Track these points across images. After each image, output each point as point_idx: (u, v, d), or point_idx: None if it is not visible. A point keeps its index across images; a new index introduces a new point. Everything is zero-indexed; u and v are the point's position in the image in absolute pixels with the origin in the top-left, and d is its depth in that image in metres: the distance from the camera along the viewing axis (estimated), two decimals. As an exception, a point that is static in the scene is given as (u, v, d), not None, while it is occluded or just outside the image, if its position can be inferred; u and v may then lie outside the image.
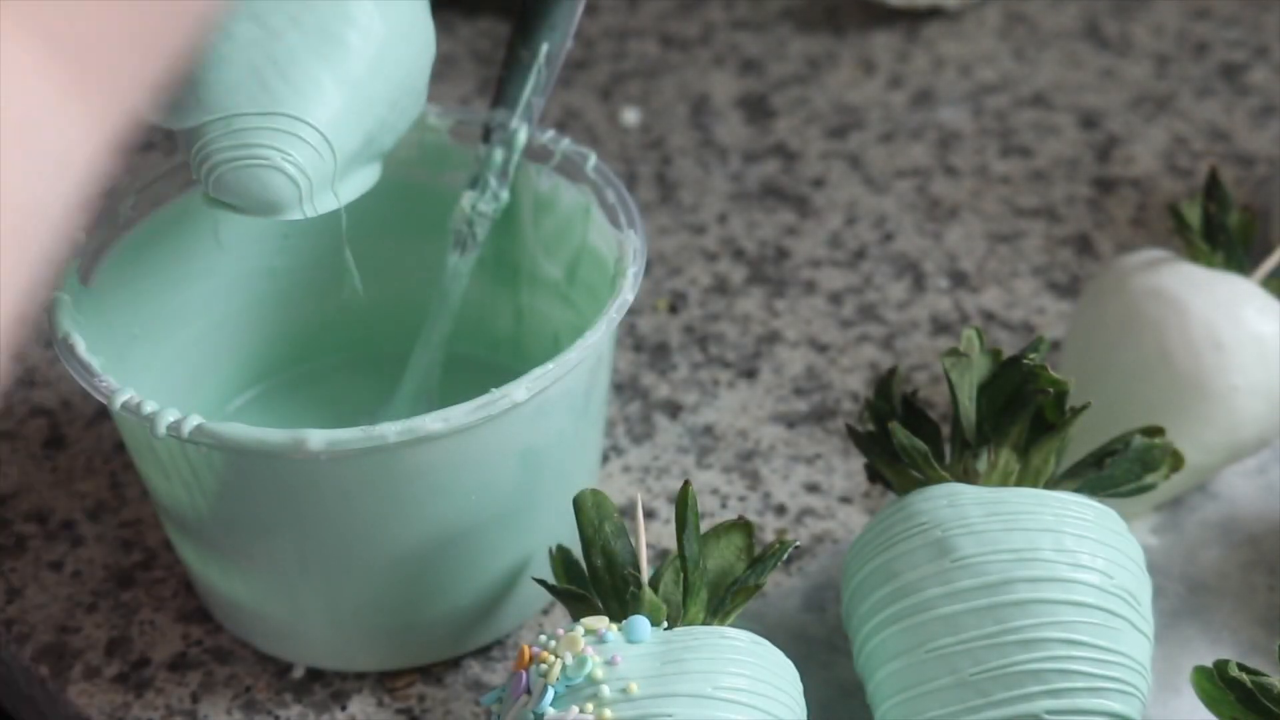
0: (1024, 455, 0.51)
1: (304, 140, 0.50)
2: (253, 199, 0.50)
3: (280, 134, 0.50)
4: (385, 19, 0.51)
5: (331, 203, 0.52)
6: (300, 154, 0.50)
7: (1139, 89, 0.81)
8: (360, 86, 0.51)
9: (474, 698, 0.55)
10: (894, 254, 0.72)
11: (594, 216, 0.57)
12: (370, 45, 0.51)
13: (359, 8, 0.51)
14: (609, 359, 0.55)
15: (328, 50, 0.50)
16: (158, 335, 0.58)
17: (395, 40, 0.52)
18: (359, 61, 0.51)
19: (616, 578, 0.50)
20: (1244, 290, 0.58)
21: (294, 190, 0.50)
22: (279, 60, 0.50)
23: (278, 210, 0.50)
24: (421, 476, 0.50)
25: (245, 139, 0.50)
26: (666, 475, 0.62)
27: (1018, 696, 0.47)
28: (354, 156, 0.52)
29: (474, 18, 0.86)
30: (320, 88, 0.50)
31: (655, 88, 0.82)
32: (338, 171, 0.51)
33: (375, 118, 0.52)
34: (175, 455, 0.50)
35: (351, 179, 0.52)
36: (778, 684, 0.47)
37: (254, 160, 0.50)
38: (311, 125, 0.50)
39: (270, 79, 0.50)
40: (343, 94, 0.50)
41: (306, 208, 0.51)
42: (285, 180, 0.50)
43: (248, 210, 0.50)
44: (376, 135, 0.52)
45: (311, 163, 0.50)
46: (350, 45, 0.51)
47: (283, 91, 0.50)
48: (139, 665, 0.56)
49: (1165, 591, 0.57)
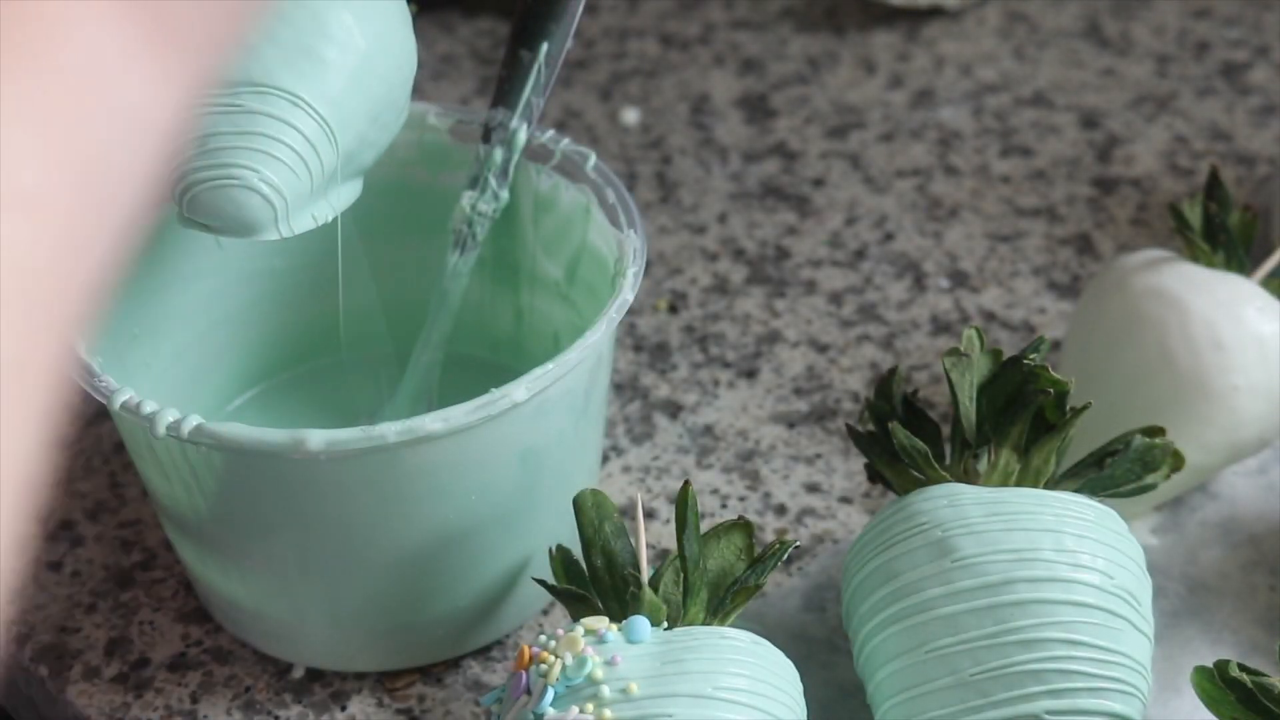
0: (1024, 455, 0.51)
1: (280, 160, 0.49)
2: (228, 219, 0.49)
3: (256, 153, 0.49)
4: (364, 33, 0.51)
5: (309, 222, 0.51)
6: (276, 173, 0.49)
7: (1139, 88, 0.81)
8: (338, 103, 0.50)
9: (474, 698, 0.55)
10: (894, 254, 0.72)
11: (594, 216, 0.57)
12: (349, 60, 0.50)
13: (337, 23, 0.50)
14: (609, 359, 0.55)
15: (305, 67, 0.50)
16: (158, 335, 0.58)
17: (375, 55, 0.51)
18: (337, 78, 0.50)
19: (616, 578, 0.50)
20: (1244, 290, 0.58)
21: (270, 210, 0.49)
22: (254, 77, 0.49)
23: (253, 231, 0.50)
24: (421, 476, 0.50)
25: (220, 159, 0.49)
26: (666, 475, 0.62)
27: (1018, 697, 0.47)
28: (332, 174, 0.51)
29: (474, 18, 0.86)
30: (297, 105, 0.49)
31: (655, 88, 0.82)
32: (315, 190, 0.50)
33: (354, 134, 0.51)
34: (175, 455, 0.50)
35: (330, 197, 0.52)
36: (778, 684, 0.47)
37: (229, 180, 0.49)
38: (287, 144, 0.49)
39: (245, 97, 0.49)
40: (320, 111, 0.50)
41: (283, 228, 0.50)
42: (260, 200, 0.49)
43: (223, 231, 0.50)
44: (356, 152, 0.52)
45: (288, 182, 0.49)
46: (328, 61, 0.50)
47: (259, 110, 0.49)
48: (138, 665, 0.56)
49: (1166, 591, 0.57)
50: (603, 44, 0.85)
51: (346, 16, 0.50)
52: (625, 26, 0.86)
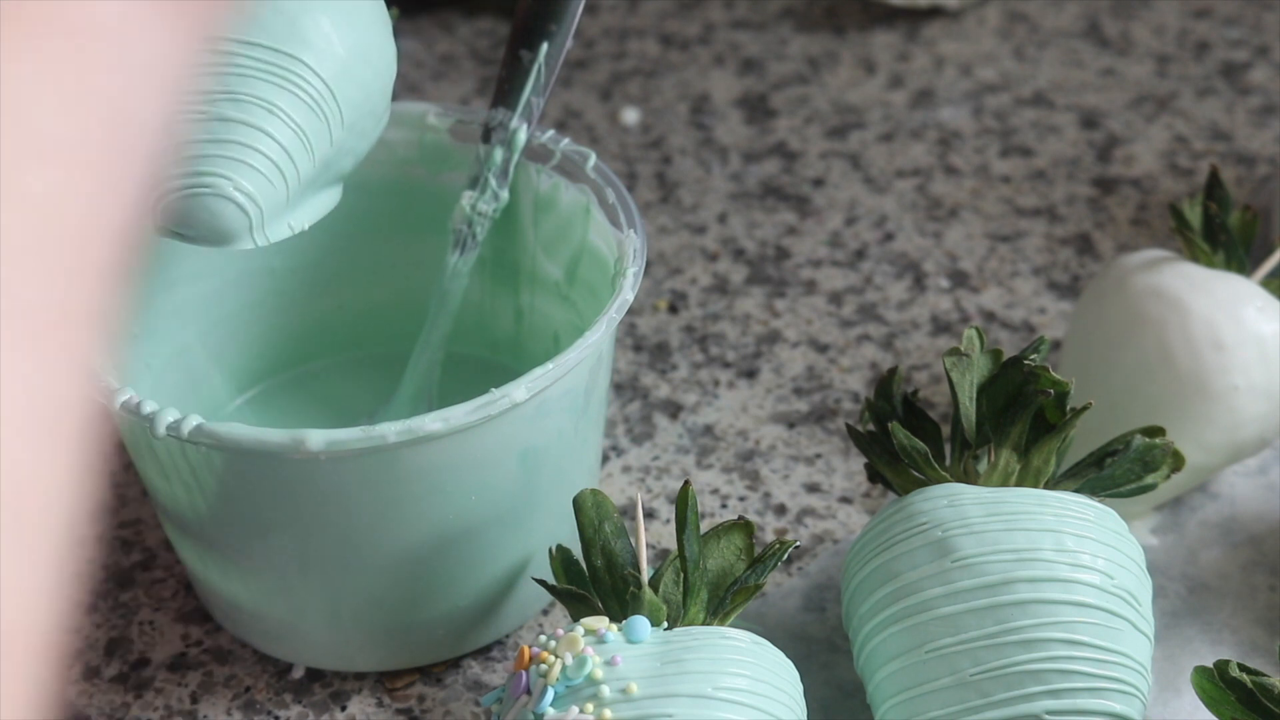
0: (1024, 455, 0.51)
1: (255, 168, 0.49)
2: (202, 228, 0.49)
3: (230, 161, 0.48)
4: (342, 41, 0.50)
5: (285, 231, 0.51)
6: (251, 182, 0.49)
7: (1140, 88, 0.81)
8: (315, 111, 0.50)
9: (474, 698, 0.55)
10: (894, 254, 0.72)
11: (594, 216, 0.57)
12: (326, 68, 0.50)
13: (314, 29, 0.50)
14: (609, 359, 0.55)
15: (281, 74, 0.49)
16: (158, 335, 0.58)
17: (353, 62, 0.51)
18: (314, 85, 0.50)
19: (616, 578, 0.50)
20: (1244, 290, 0.58)
21: (244, 219, 0.49)
22: (230, 85, 0.49)
23: (228, 240, 0.49)
24: (421, 476, 0.50)
25: (194, 166, 0.48)
26: (666, 475, 0.62)
27: (1018, 697, 0.47)
28: (310, 182, 0.51)
29: (474, 18, 0.86)
30: (273, 114, 0.49)
31: (655, 88, 0.82)
32: (292, 198, 0.50)
33: (332, 142, 0.51)
34: (175, 455, 0.50)
35: (307, 205, 0.51)
36: (778, 684, 0.47)
37: (203, 189, 0.48)
38: (263, 153, 0.49)
39: (221, 105, 0.49)
40: (297, 119, 0.49)
41: (258, 237, 0.50)
42: (235, 209, 0.49)
43: (197, 240, 0.49)
44: (334, 160, 0.51)
45: (263, 191, 0.49)
46: (305, 68, 0.49)
47: (233, 117, 0.49)
48: (138, 665, 0.56)
49: (1166, 591, 0.57)
50: (603, 44, 0.85)
51: (324, 23, 0.50)
52: (625, 26, 0.86)
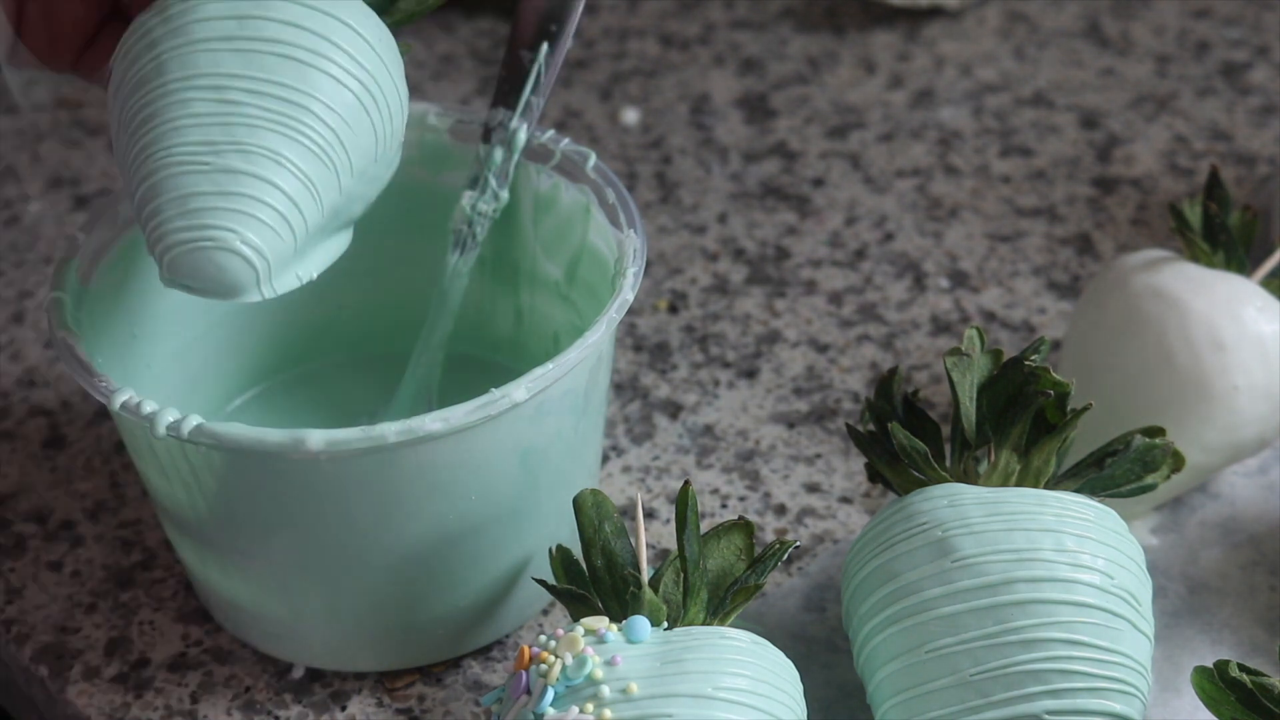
0: (1024, 456, 0.51)
1: (262, 220, 0.48)
2: (208, 282, 0.48)
3: (236, 214, 0.47)
4: (352, 88, 0.49)
5: (293, 281, 0.50)
6: (258, 235, 0.48)
7: (1139, 88, 0.81)
8: (323, 160, 0.49)
9: (474, 698, 0.55)
10: (894, 254, 0.72)
11: (594, 216, 0.57)
12: (336, 115, 0.49)
13: (323, 76, 0.49)
14: (609, 359, 0.55)
15: (290, 123, 0.48)
16: (158, 335, 0.58)
17: (362, 109, 0.49)
18: (323, 133, 0.48)
19: (616, 578, 0.50)
20: (1244, 290, 0.58)
21: (251, 272, 0.48)
22: (237, 135, 0.48)
23: (235, 293, 0.48)
24: (421, 476, 0.50)
25: (200, 219, 0.47)
26: (666, 475, 0.62)
27: (1018, 697, 0.47)
28: (318, 231, 0.50)
29: (474, 18, 0.86)
30: (280, 164, 0.48)
31: (655, 88, 0.82)
32: (299, 249, 0.49)
33: (341, 190, 0.50)
34: (175, 455, 0.50)
35: (316, 253, 0.51)
36: (778, 684, 0.47)
37: (208, 242, 0.47)
38: (270, 204, 0.48)
39: (227, 156, 0.47)
40: (304, 169, 0.48)
41: (265, 289, 0.49)
42: (242, 263, 0.48)
43: (204, 293, 0.48)
44: (343, 207, 0.50)
45: (270, 243, 0.48)
46: (314, 116, 0.48)
47: (240, 169, 0.47)
48: (138, 665, 0.56)
49: (1166, 591, 0.57)
50: (603, 44, 0.85)
51: (334, 69, 0.49)
52: (625, 26, 0.86)
